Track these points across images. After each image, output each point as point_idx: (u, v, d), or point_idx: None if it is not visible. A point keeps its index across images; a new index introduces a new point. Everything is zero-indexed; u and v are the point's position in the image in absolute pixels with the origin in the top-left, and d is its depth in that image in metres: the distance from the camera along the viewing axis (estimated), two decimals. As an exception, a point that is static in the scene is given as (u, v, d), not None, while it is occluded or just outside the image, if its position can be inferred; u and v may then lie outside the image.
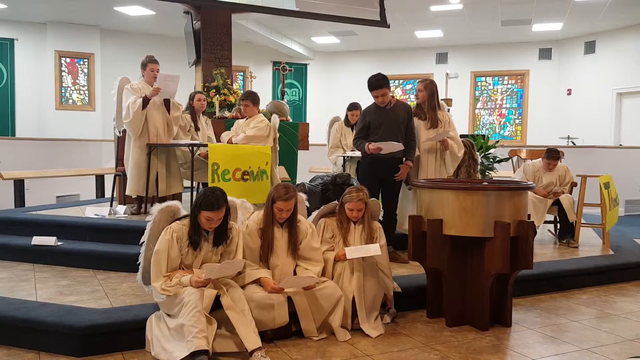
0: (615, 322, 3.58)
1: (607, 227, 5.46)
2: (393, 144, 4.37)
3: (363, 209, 3.48)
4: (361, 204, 3.46)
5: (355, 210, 3.46)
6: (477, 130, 13.24)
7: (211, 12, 7.19)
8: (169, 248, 2.98)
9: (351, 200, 3.46)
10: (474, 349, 3.08)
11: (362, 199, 3.45)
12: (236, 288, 2.99)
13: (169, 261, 2.99)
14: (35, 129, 11.12)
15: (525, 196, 3.45)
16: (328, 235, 3.53)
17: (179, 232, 3.02)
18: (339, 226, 3.52)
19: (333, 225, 3.54)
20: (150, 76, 5.16)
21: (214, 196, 2.95)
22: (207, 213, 2.94)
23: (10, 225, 5.05)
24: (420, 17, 10.69)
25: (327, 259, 3.44)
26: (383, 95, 4.42)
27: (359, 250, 3.36)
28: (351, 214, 3.48)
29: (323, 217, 3.63)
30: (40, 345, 2.97)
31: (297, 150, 6.28)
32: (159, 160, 5.21)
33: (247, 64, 12.76)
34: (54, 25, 11.04)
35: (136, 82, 5.20)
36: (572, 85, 12.36)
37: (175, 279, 2.92)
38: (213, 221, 2.98)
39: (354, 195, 3.46)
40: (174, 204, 3.26)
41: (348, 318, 3.30)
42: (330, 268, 3.42)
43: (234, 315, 2.87)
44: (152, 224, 3.21)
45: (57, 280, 3.95)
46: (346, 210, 3.49)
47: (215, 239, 3.08)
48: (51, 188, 8.60)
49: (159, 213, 3.21)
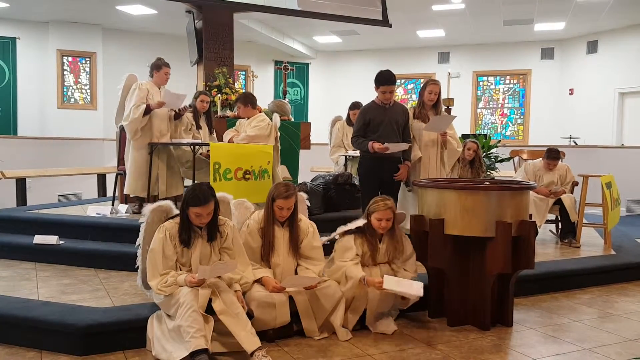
0: (617, 322, 3.58)
1: (608, 227, 5.45)
2: (399, 145, 4.37)
3: (392, 217, 3.32)
4: (390, 213, 3.30)
5: (384, 220, 3.29)
6: (479, 130, 13.23)
7: (213, 11, 7.18)
8: (164, 246, 2.98)
9: (378, 209, 3.29)
10: (475, 348, 3.08)
11: (391, 207, 3.31)
12: (228, 292, 2.94)
13: (164, 260, 2.98)
14: (37, 127, 11.12)
15: (527, 196, 3.45)
16: (360, 251, 3.34)
17: (172, 230, 3.02)
18: (368, 241, 3.33)
19: (361, 241, 3.36)
20: (164, 79, 5.21)
21: (200, 191, 2.95)
22: (195, 209, 2.94)
23: (12, 224, 5.05)
24: (422, 16, 10.68)
25: (353, 277, 3.21)
26: (391, 92, 4.41)
27: (400, 284, 3.15)
28: (379, 224, 3.30)
29: (351, 234, 3.40)
30: (42, 344, 2.98)
31: (298, 150, 6.27)
32: (160, 161, 5.21)
33: (249, 63, 12.76)
34: (56, 24, 11.05)
35: (144, 82, 5.19)
36: (575, 85, 12.34)
37: (171, 278, 2.92)
38: (202, 216, 2.96)
39: (381, 204, 3.30)
40: (165, 203, 3.27)
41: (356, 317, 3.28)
42: (355, 283, 3.20)
43: (229, 319, 2.84)
44: (145, 225, 3.22)
45: (59, 279, 3.95)
46: (373, 222, 3.31)
47: (208, 234, 3.07)
48: (53, 187, 8.60)
49: (152, 213, 3.21)
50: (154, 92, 5.13)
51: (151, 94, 5.11)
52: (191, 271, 3.02)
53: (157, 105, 5.03)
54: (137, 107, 4.98)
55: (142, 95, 5.04)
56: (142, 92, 5.06)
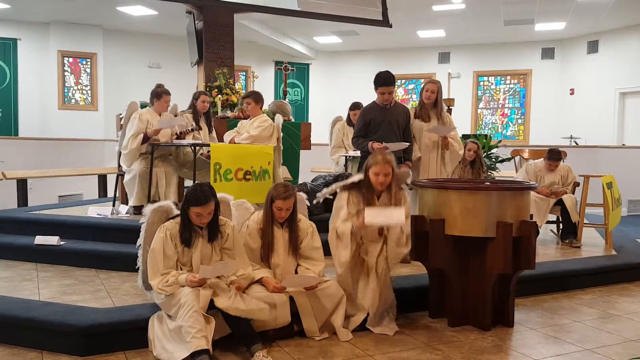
0: (618, 323, 3.57)
1: (609, 227, 5.44)
2: (399, 144, 4.37)
3: (390, 173, 3.17)
4: (388, 168, 3.15)
5: (382, 174, 3.14)
6: (480, 130, 13.22)
7: (213, 12, 7.19)
8: (164, 246, 2.99)
9: (376, 163, 3.14)
10: (476, 349, 3.08)
11: (389, 162, 3.17)
12: (228, 291, 2.96)
13: (165, 259, 2.99)
14: (38, 128, 11.13)
15: (528, 196, 3.45)
16: (352, 210, 3.21)
17: (173, 230, 3.02)
18: (363, 198, 3.16)
19: (357, 199, 3.22)
20: (164, 107, 5.33)
21: (201, 191, 2.97)
22: (196, 209, 2.95)
23: (13, 225, 5.06)
24: (422, 16, 10.68)
25: (344, 232, 3.16)
26: (390, 92, 4.42)
27: (380, 214, 3.03)
28: (377, 179, 3.14)
29: (346, 189, 3.29)
30: (43, 345, 2.98)
31: (299, 150, 6.28)
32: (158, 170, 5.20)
33: (250, 64, 12.75)
34: (56, 25, 11.06)
35: (145, 111, 5.26)
36: (575, 85, 12.33)
37: (172, 277, 2.93)
38: (203, 216, 2.98)
39: (380, 158, 3.16)
40: (166, 203, 3.28)
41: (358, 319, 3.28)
42: (348, 240, 3.15)
43: (236, 305, 2.87)
44: (146, 226, 3.22)
45: (60, 280, 3.96)
46: (371, 176, 3.15)
47: (209, 234, 3.07)
48: (54, 188, 8.60)
49: (152, 213, 3.22)
50: (153, 121, 5.20)
51: (151, 124, 5.17)
52: (192, 271, 3.02)
53: (153, 133, 5.11)
54: (135, 138, 5.10)
55: (142, 126, 5.13)
56: (142, 123, 5.14)
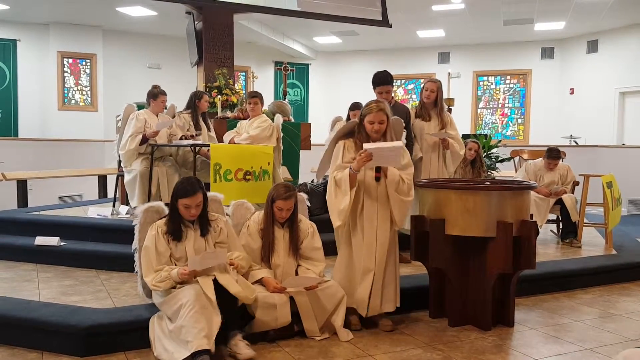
0: (618, 322, 3.58)
1: (609, 226, 5.44)
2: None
3: (385, 121, 3.16)
4: (382, 115, 3.14)
5: (377, 122, 3.14)
6: (480, 130, 13.22)
7: (213, 13, 7.19)
8: (156, 243, 3.01)
9: (370, 111, 3.14)
10: (476, 349, 3.08)
11: (383, 109, 3.17)
12: (226, 274, 2.98)
13: (157, 256, 3.00)
14: (38, 129, 11.13)
15: (528, 196, 3.45)
16: (348, 158, 3.21)
17: (164, 227, 3.05)
18: (358, 145, 3.15)
19: (353, 147, 3.22)
20: (161, 107, 5.36)
21: (188, 183, 3.01)
22: (184, 200, 2.97)
23: (13, 226, 5.06)
24: (422, 16, 10.68)
25: (342, 178, 3.15)
26: (387, 92, 4.42)
27: (378, 144, 3.04)
28: (372, 127, 3.14)
29: (340, 139, 3.31)
30: (44, 345, 2.98)
31: (299, 151, 6.28)
32: (159, 170, 5.20)
33: (249, 64, 12.76)
34: (56, 26, 11.05)
35: (142, 112, 5.28)
36: (575, 84, 12.33)
37: (165, 272, 2.94)
38: (192, 208, 3.00)
39: (374, 106, 3.17)
40: (156, 203, 3.32)
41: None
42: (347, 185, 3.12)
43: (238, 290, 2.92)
44: (139, 227, 3.25)
45: (60, 280, 3.96)
46: (366, 125, 3.16)
47: (201, 228, 3.09)
48: (54, 188, 8.60)
49: (144, 214, 3.25)
50: (151, 121, 5.23)
51: (148, 124, 5.20)
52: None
53: (152, 135, 5.13)
54: (134, 138, 5.11)
55: (140, 125, 5.14)
56: (140, 122, 5.15)
